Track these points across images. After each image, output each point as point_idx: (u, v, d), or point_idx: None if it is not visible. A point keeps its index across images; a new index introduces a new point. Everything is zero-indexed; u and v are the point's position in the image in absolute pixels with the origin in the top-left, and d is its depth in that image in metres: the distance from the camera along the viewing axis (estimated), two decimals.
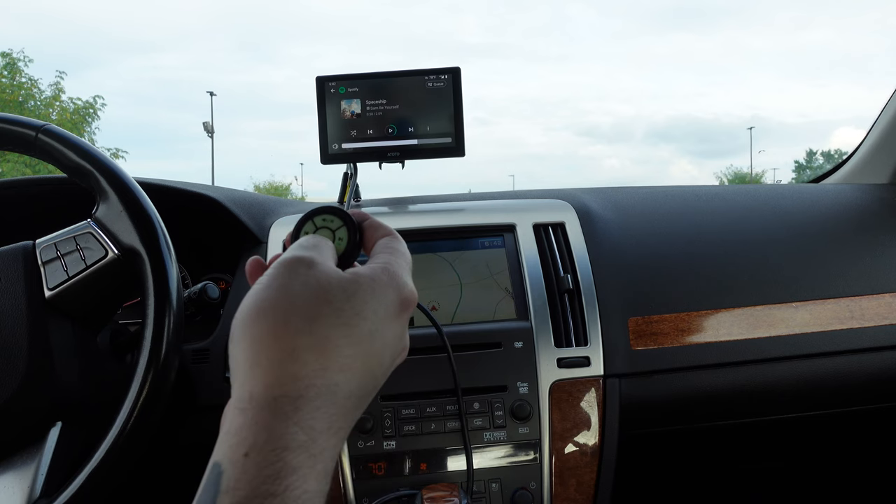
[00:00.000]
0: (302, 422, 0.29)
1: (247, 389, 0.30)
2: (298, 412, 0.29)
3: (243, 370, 0.31)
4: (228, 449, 0.28)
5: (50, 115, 14.08)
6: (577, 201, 0.89)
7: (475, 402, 0.72)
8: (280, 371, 0.30)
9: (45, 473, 0.55)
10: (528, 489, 0.70)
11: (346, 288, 0.34)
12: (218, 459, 0.29)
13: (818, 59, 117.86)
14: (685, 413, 0.81)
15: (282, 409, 0.29)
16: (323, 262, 0.35)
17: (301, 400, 0.30)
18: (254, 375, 0.30)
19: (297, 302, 0.32)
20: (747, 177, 39.45)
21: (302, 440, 0.29)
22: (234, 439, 0.29)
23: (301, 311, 0.32)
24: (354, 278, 0.34)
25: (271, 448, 0.28)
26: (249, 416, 0.29)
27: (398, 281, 0.36)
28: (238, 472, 0.28)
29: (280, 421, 0.29)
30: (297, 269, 0.33)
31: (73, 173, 0.60)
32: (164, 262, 0.58)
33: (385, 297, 0.35)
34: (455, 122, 0.89)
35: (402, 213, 0.89)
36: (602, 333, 0.75)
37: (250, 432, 0.28)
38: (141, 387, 0.55)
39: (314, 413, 0.30)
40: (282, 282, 0.33)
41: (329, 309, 0.32)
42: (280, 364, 0.30)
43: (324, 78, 0.89)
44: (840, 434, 1.08)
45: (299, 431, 0.29)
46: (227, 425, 0.30)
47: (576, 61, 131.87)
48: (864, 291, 0.83)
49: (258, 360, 0.30)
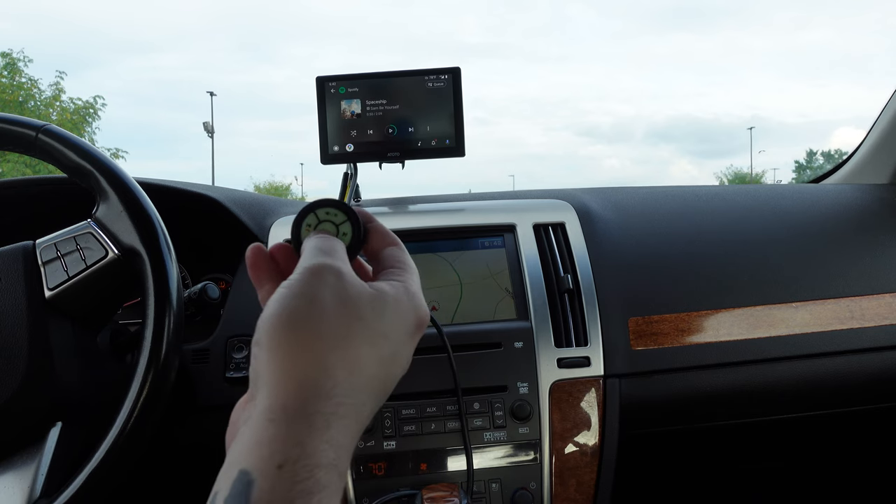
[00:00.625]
0: (332, 439, 0.29)
1: (279, 400, 0.30)
2: (329, 429, 0.29)
3: (273, 380, 0.30)
4: (259, 459, 0.28)
5: (50, 115, 14.08)
6: (577, 201, 0.89)
7: (475, 402, 0.72)
8: (314, 386, 0.30)
9: (45, 473, 0.55)
10: (528, 489, 0.70)
11: (374, 306, 0.34)
12: (246, 468, 0.28)
13: (818, 59, 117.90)
14: (685, 413, 0.81)
15: (315, 424, 0.29)
16: (349, 272, 0.35)
17: (333, 417, 0.30)
18: (286, 388, 0.30)
19: (329, 315, 0.32)
20: (747, 177, 39.46)
21: (332, 458, 0.29)
22: (266, 450, 0.28)
23: (333, 325, 0.32)
24: (381, 296, 0.35)
25: (304, 464, 0.28)
26: (283, 428, 0.29)
27: (416, 302, 0.36)
28: (271, 484, 0.27)
29: (314, 437, 0.29)
30: (326, 277, 0.33)
31: (73, 173, 0.60)
32: (164, 262, 0.58)
33: (405, 319, 0.35)
34: (455, 122, 0.89)
35: (402, 213, 0.89)
36: (602, 333, 0.75)
37: (284, 445, 0.28)
38: (141, 387, 0.55)
39: (343, 431, 0.30)
40: (312, 291, 0.32)
41: (360, 326, 0.32)
42: (314, 379, 0.30)
43: (324, 78, 0.89)
44: (840, 434, 1.08)
45: (329, 449, 0.29)
46: (255, 433, 0.29)
47: (576, 61, 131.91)
48: (865, 291, 0.83)
49: (291, 372, 0.30)
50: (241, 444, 0.29)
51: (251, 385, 0.33)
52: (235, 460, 0.29)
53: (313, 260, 0.34)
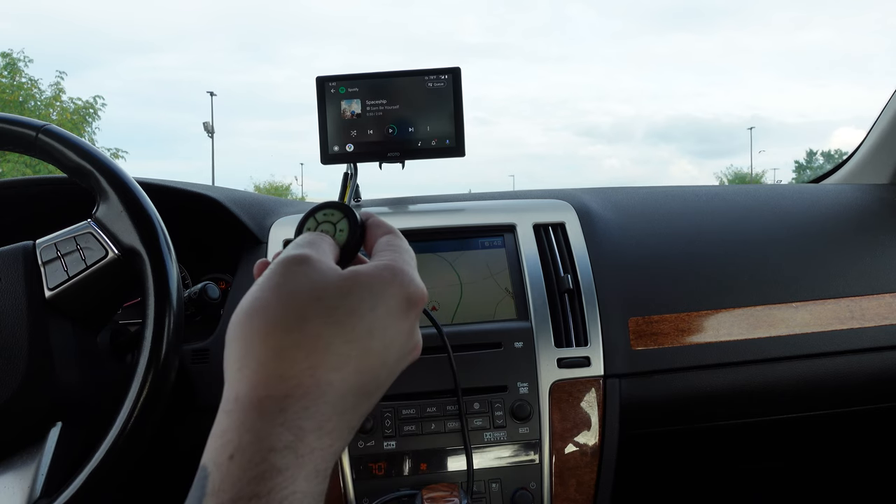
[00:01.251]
0: (288, 422, 0.29)
1: (233, 391, 0.30)
2: (284, 413, 0.29)
3: (231, 372, 0.31)
4: (214, 452, 0.28)
5: (50, 115, 14.07)
6: (577, 201, 0.89)
7: (475, 402, 0.72)
8: (266, 371, 0.30)
9: (45, 473, 0.55)
10: (528, 489, 0.70)
11: (340, 286, 0.33)
12: (205, 462, 0.28)
13: (818, 59, 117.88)
14: (685, 413, 0.81)
15: (266, 409, 0.29)
16: (320, 260, 0.34)
17: (288, 399, 0.29)
18: (241, 377, 0.30)
19: (289, 301, 0.31)
20: (747, 177, 39.45)
21: (288, 440, 0.28)
22: (219, 441, 0.28)
23: (292, 310, 0.31)
24: (352, 276, 0.34)
25: (256, 450, 0.28)
26: (234, 417, 0.29)
27: (403, 278, 0.35)
28: (223, 475, 0.27)
29: (265, 422, 0.28)
30: (292, 267, 0.33)
31: (73, 173, 0.60)
32: (164, 262, 0.58)
33: (386, 295, 0.34)
34: (455, 122, 0.89)
35: (402, 213, 0.89)
36: (602, 333, 0.75)
37: (235, 434, 0.28)
38: (141, 387, 0.55)
39: (301, 413, 0.29)
40: (276, 281, 0.32)
41: (320, 306, 0.31)
42: (266, 364, 0.30)
43: (324, 78, 0.89)
44: (840, 434, 1.08)
45: (285, 432, 0.28)
46: (214, 427, 0.29)
47: (575, 61, 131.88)
48: (865, 291, 0.83)
49: (246, 361, 0.30)
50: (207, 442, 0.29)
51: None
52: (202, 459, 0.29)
53: (287, 252, 0.34)
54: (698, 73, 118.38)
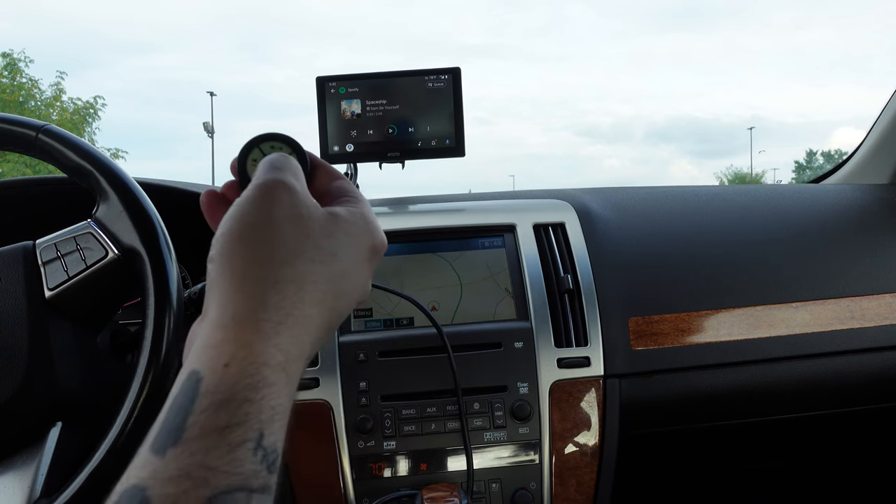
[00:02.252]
0: (280, 345, 0.31)
1: (230, 310, 0.31)
2: (278, 336, 0.31)
3: (225, 292, 0.32)
4: (208, 359, 0.30)
5: (50, 115, 14.07)
6: (577, 201, 0.89)
7: (475, 403, 0.72)
8: (263, 298, 0.31)
9: (45, 473, 0.55)
10: (528, 489, 0.70)
11: (325, 226, 0.35)
12: (196, 368, 0.30)
13: (818, 59, 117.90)
14: (685, 413, 0.81)
15: (263, 330, 0.31)
16: (302, 190, 0.36)
17: (282, 326, 0.31)
18: (236, 299, 0.31)
19: (281, 231, 0.33)
20: (747, 177, 39.45)
21: (279, 360, 0.31)
22: (213, 352, 0.30)
23: (283, 241, 0.33)
24: (334, 218, 0.36)
25: (250, 362, 0.30)
26: (231, 332, 0.30)
27: (372, 227, 0.38)
28: (218, 378, 0.29)
29: (261, 340, 0.30)
30: (279, 194, 0.34)
31: (73, 173, 0.60)
32: (164, 262, 0.58)
33: (359, 241, 0.37)
34: (455, 122, 0.89)
35: (402, 213, 0.89)
36: (602, 333, 0.75)
37: (231, 346, 0.30)
38: (141, 387, 0.55)
39: (291, 339, 0.32)
40: (264, 206, 0.34)
41: (310, 244, 0.34)
42: (263, 292, 0.32)
43: (324, 78, 0.89)
44: (840, 434, 1.08)
45: (277, 353, 0.31)
46: (206, 339, 0.31)
47: (575, 61, 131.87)
48: (865, 291, 0.83)
49: (241, 285, 0.32)
50: (193, 351, 0.31)
51: (205, 301, 0.34)
52: (187, 365, 0.30)
53: (266, 175, 0.35)
54: (698, 73, 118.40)
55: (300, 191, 0.36)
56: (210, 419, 0.28)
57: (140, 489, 0.27)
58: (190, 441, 0.27)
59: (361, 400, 0.72)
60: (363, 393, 0.72)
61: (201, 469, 0.27)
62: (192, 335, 0.37)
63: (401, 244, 0.83)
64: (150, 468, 0.27)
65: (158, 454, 0.27)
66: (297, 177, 0.37)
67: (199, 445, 0.27)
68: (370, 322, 0.78)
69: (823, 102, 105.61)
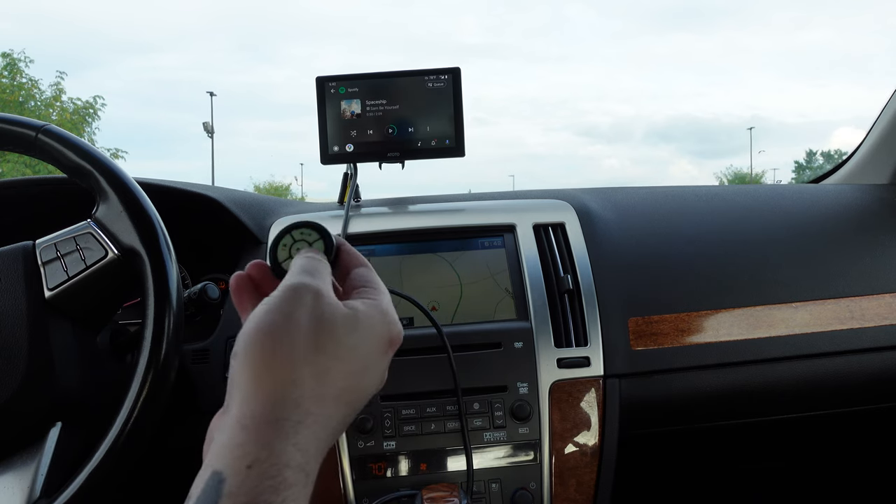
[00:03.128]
0: (300, 444, 0.32)
1: (250, 408, 0.32)
2: (297, 435, 0.32)
3: (247, 388, 0.33)
4: (232, 460, 0.30)
5: (50, 115, 14.06)
6: (577, 201, 0.89)
7: (475, 403, 0.72)
8: (283, 395, 0.32)
9: (45, 473, 0.55)
10: (528, 489, 0.70)
11: (345, 324, 0.36)
12: (219, 468, 0.30)
13: (818, 59, 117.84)
14: (685, 413, 0.81)
15: (283, 430, 0.31)
16: (327, 294, 0.37)
17: (300, 425, 0.32)
18: (257, 397, 0.32)
19: (302, 331, 0.34)
20: (747, 177, 39.41)
21: (299, 460, 0.31)
22: (237, 452, 0.30)
23: (305, 341, 0.34)
24: (354, 314, 0.37)
25: (272, 464, 0.30)
26: (251, 432, 0.31)
27: (389, 319, 0.39)
28: (240, 481, 0.30)
29: (281, 440, 0.31)
30: (304, 297, 0.35)
31: (73, 173, 0.60)
32: (164, 262, 0.58)
33: (377, 335, 0.38)
34: (455, 122, 0.89)
35: (402, 213, 0.89)
36: (602, 334, 0.75)
37: (253, 447, 0.30)
38: (141, 387, 0.55)
39: (310, 437, 0.32)
40: (289, 308, 0.35)
41: (332, 342, 0.35)
42: (283, 389, 0.32)
43: (324, 78, 0.89)
44: (840, 434, 1.08)
45: (297, 453, 0.31)
46: (228, 438, 0.31)
47: (575, 61, 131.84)
48: (865, 291, 0.83)
49: (262, 382, 0.32)
50: (214, 450, 0.32)
51: (227, 396, 0.34)
52: (209, 464, 0.31)
53: (295, 279, 0.37)
54: (698, 73, 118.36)
55: (325, 293, 0.36)
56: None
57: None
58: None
59: None
60: None
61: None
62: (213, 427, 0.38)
63: (401, 244, 0.83)
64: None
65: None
66: (325, 280, 0.38)
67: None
68: None
69: (823, 102, 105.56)
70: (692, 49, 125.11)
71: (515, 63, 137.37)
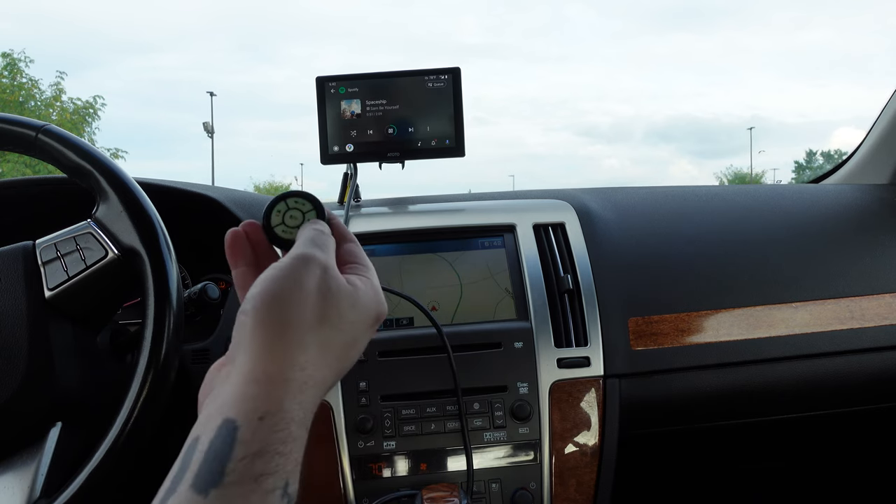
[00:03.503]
0: (304, 403, 0.35)
1: (261, 366, 0.34)
2: (302, 394, 0.35)
3: (258, 347, 0.35)
4: (245, 411, 0.33)
5: (50, 115, 14.05)
6: (577, 201, 0.89)
7: (475, 403, 0.72)
8: (293, 358, 0.35)
9: (45, 473, 0.55)
10: (528, 489, 0.70)
11: (348, 299, 0.39)
12: (231, 416, 0.33)
13: (818, 59, 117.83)
14: (685, 413, 0.81)
15: (291, 389, 0.34)
16: (333, 268, 0.39)
17: (305, 385, 0.35)
18: (269, 357, 0.35)
19: (311, 301, 0.37)
20: (747, 177, 39.40)
21: (302, 417, 0.35)
22: (250, 404, 0.33)
23: (313, 311, 0.37)
24: (356, 291, 0.40)
25: (281, 418, 0.33)
26: (265, 388, 0.34)
27: (379, 298, 0.42)
28: (253, 430, 0.32)
29: (289, 398, 0.34)
30: (314, 269, 0.38)
31: (73, 173, 0.60)
32: (164, 262, 0.58)
33: (369, 311, 0.41)
34: (455, 122, 0.89)
35: (402, 213, 0.89)
36: (602, 334, 0.75)
37: (265, 402, 0.33)
38: (141, 387, 0.55)
39: (311, 398, 0.36)
40: (300, 278, 0.37)
41: (335, 315, 0.38)
42: (293, 352, 0.35)
43: (324, 78, 0.89)
44: (840, 434, 1.08)
45: (300, 410, 0.34)
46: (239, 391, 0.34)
47: (575, 61, 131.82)
48: (865, 291, 0.83)
49: (273, 344, 0.35)
50: (223, 398, 0.34)
51: (232, 348, 0.37)
52: (218, 411, 0.34)
53: (306, 249, 0.39)
54: (698, 73, 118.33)
55: (331, 267, 0.39)
56: (247, 467, 0.31)
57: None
58: (230, 485, 0.31)
59: (361, 400, 0.72)
60: (363, 393, 0.72)
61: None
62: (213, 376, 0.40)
63: (401, 244, 0.83)
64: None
65: (201, 494, 0.31)
66: (330, 253, 0.41)
67: (238, 490, 0.31)
68: None
69: (823, 102, 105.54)
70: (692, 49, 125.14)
71: (515, 63, 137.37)
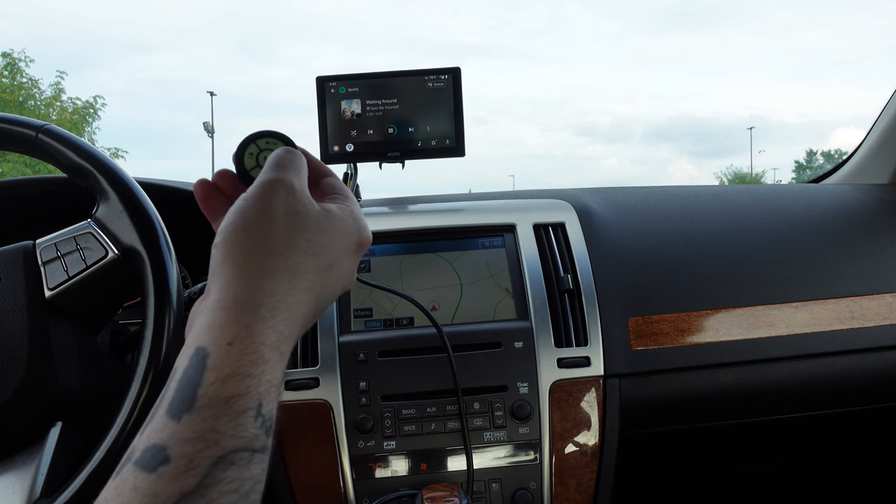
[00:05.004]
0: (275, 326, 0.35)
1: (230, 294, 0.35)
2: (273, 318, 0.35)
3: (227, 277, 0.36)
4: (213, 338, 0.34)
5: (50, 115, 14.05)
6: (577, 201, 0.89)
7: (475, 402, 0.72)
8: (260, 285, 0.36)
9: (45, 473, 0.55)
10: (528, 489, 0.70)
11: (319, 222, 0.39)
12: (202, 345, 0.34)
13: (817, 59, 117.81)
14: (685, 413, 0.82)
15: (259, 314, 0.35)
16: (300, 189, 0.40)
17: (276, 310, 0.36)
18: (237, 285, 0.36)
19: (277, 226, 0.37)
20: (747, 177, 39.41)
21: (274, 340, 0.35)
22: (218, 331, 0.34)
23: (280, 236, 0.37)
24: (327, 214, 0.40)
25: (251, 342, 0.34)
26: (232, 314, 0.34)
27: (360, 224, 0.43)
28: (223, 355, 0.33)
29: (258, 322, 0.35)
30: (279, 192, 0.38)
31: (73, 173, 0.60)
32: (164, 262, 0.58)
33: (348, 236, 0.41)
34: (455, 122, 0.89)
35: (402, 213, 0.89)
36: (602, 333, 0.75)
37: (233, 327, 0.34)
38: (141, 387, 0.55)
39: (284, 322, 0.36)
40: (264, 205, 0.38)
41: (304, 239, 0.38)
42: (260, 279, 0.36)
43: (324, 78, 0.89)
44: (840, 434, 1.08)
45: (272, 333, 0.35)
46: (210, 319, 0.35)
47: (574, 62, 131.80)
48: (865, 291, 0.83)
49: (241, 273, 0.36)
50: (196, 329, 0.35)
51: (208, 283, 0.38)
52: (192, 342, 0.34)
53: (269, 174, 0.40)
54: (697, 73, 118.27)
55: (299, 189, 0.39)
56: (218, 390, 0.32)
57: (161, 448, 0.31)
58: (202, 409, 0.31)
59: (361, 400, 0.72)
60: (363, 393, 0.72)
61: (212, 433, 0.31)
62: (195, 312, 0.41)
63: (401, 244, 0.83)
64: (167, 431, 0.31)
65: (174, 419, 0.31)
66: (299, 175, 0.41)
67: (210, 413, 0.31)
68: (370, 322, 0.78)
69: (823, 102, 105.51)
70: (691, 49, 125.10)
71: (515, 63, 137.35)
